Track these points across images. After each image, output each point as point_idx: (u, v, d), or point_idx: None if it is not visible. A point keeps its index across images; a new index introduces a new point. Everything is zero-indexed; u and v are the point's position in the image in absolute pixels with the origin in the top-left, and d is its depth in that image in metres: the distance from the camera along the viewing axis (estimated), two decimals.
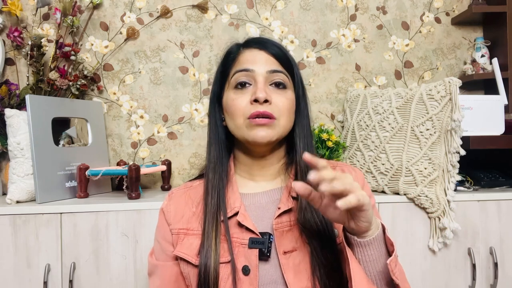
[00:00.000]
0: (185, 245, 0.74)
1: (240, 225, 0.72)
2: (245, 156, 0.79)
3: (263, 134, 0.71)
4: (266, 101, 0.71)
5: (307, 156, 0.57)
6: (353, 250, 0.64)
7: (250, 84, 0.74)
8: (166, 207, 0.80)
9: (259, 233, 0.71)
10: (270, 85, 0.74)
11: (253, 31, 1.54)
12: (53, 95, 1.35)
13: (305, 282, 0.67)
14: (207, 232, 0.71)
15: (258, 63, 0.74)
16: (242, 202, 0.74)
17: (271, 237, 0.70)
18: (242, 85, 0.74)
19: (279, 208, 0.73)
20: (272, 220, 0.72)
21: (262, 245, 0.69)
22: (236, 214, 0.73)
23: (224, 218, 0.72)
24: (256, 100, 0.71)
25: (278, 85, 0.75)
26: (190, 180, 0.86)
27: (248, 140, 0.73)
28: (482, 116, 1.25)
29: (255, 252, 0.69)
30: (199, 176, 0.85)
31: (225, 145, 0.80)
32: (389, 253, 0.65)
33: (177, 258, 0.75)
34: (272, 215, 0.73)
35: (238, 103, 0.73)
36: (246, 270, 0.69)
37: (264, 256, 0.69)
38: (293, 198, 0.74)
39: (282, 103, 0.73)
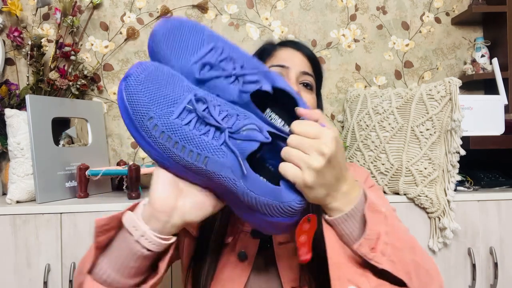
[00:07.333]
0: None
1: None
2: None
3: None
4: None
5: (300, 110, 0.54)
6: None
7: None
8: None
9: None
10: (299, 84, 0.78)
11: (253, 31, 1.54)
12: (53, 95, 1.35)
13: (298, 274, 0.70)
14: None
15: (293, 62, 0.77)
16: None
17: None
18: None
19: None
20: None
21: (265, 236, 0.72)
22: None
23: None
24: None
25: (306, 85, 0.78)
26: None
27: None
28: (482, 116, 1.25)
29: (257, 242, 0.72)
30: None
31: None
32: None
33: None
34: None
35: None
36: (242, 256, 0.71)
37: (263, 247, 0.72)
38: None
39: (307, 102, 0.76)
